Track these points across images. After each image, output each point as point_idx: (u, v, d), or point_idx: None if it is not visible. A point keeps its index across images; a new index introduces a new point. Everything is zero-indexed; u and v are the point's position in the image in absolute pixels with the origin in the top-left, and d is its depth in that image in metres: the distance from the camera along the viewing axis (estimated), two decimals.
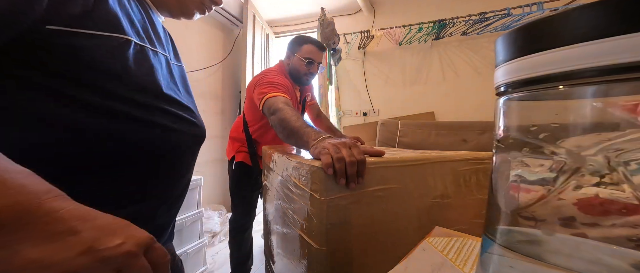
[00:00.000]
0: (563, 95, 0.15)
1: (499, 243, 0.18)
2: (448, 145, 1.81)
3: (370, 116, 2.23)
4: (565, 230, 0.16)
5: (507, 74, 0.17)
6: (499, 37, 0.18)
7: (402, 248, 0.36)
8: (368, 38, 2.02)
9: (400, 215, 0.48)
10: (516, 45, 0.16)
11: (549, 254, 0.17)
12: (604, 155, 0.14)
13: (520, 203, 0.18)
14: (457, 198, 0.53)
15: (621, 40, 0.12)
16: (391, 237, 0.47)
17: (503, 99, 0.18)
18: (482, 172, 0.56)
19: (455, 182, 0.54)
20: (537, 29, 0.15)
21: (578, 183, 0.14)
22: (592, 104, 0.14)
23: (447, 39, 1.96)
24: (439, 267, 0.31)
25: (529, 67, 0.15)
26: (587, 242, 0.15)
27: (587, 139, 0.14)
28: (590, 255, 0.16)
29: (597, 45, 0.12)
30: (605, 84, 0.13)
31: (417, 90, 2.09)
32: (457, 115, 1.98)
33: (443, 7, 1.95)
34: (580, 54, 0.13)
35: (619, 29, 0.12)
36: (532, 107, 0.18)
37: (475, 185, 0.55)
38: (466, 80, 1.95)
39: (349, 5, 2.17)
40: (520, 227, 0.18)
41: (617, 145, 0.13)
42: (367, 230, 0.45)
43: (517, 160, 0.18)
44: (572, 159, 0.15)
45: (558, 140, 0.15)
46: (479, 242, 0.37)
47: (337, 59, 2.09)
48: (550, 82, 0.14)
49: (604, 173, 0.14)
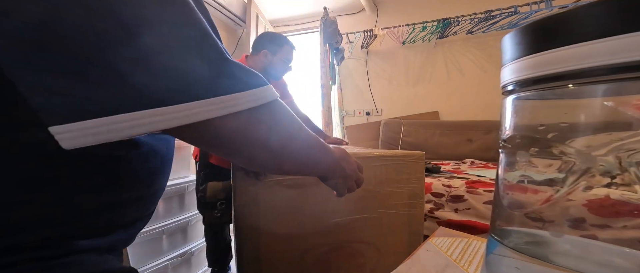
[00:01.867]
0: (572, 94, 0.15)
1: (505, 244, 0.18)
2: (452, 144, 1.80)
3: (373, 116, 2.22)
4: (574, 232, 0.16)
5: (514, 73, 0.16)
6: (506, 35, 0.17)
7: (305, 227, 0.59)
8: (371, 37, 2.02)
9: (302, 200, 0.60)
10: (524, 43, 0.16)
11: (557, 256, 0.17)
12: (615, 155, 0.13)
13: (527, 204, 0.17)
14: (364, 190, 0.60)
15: (633, 37, 0.11)
16: (295, 218, 0.60)
17: (510, 98, 0.18)
18: (393, 167, 0.65)
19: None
20: (545, 26, 0.15)
21: (588, 184, 0.14)
22: (602, 103, 0.14)
23: (452, 38, 1.94)
24: (443, 268, 0.31)
25: (537, 65, 0.15)
26: (597, 243, 0.15)
27: (598, 139, 0.14)
28: (600, 257, 0.15)
29: (608, 42, 0.12)
30: (616, 82, 0.13)
31: (421, 90, 2.08)
32: (462, 114, 1.96)
33: (447, 6, 1.93)
34: (590, 52, 0.12)
35: (631, 26, 0.11)
36: (540, 106, 0.18)
37: (386, 178, 0.65)
38: (471, 79, 1.93)
39: (351, 4, 2.17)
40: (527, 228, 0.18)
41: (629, 145, 0.13)
42: (273, 211, 0.58)
43: (524, 160, 0.18)
44: (582, 159, 0.14)
45: (567, 140, 0.15)
46: (483, 243, 0.36)
47: (340, 59, 2.08)
48: (560, 81, 0.14)
49: (615, 174, 0.13)
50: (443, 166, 1.47)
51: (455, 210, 1.01)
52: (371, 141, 2.13)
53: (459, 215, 1.00)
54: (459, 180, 1.10)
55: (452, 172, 1.31)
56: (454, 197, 1.02)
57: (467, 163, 1.60)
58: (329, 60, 1.84)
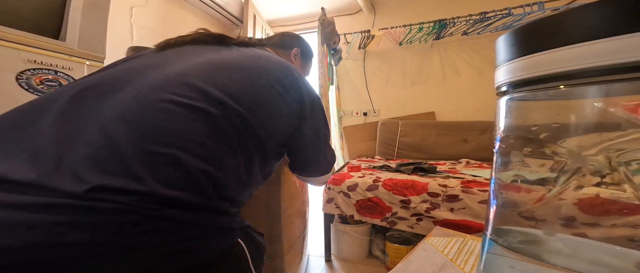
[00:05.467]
0: (564, 95, 0.15)
1: (499, 243, 0.18)
2: (448, 145, 1.81)
3: (371, 116, 2.22)
4: (565, 230, 0.16)
5: (508, 74, 0.17)
6: (500, 37, 0.17)
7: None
8: (368, 38, 2.02)
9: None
10: (517, 45, 0.16)
11: (549, 254, 0.17)
12: (605, 155, 0.14)
13: (521, 203, 0.18)
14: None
15: (622, 39, 0.12)
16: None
17: (504, 99, 0.18)
18: None
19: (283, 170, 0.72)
20: (538, 28, 0.15)
21: (579, 184, 0.14)
22: (593, 103, 0.14)
23: (448, 39, 1.96)
24: (439, 267, 0.31)
25: (530, 66, 0.15)
26: (588, 242, 0.15)
27: (589, 139, 0.14)
28: (591, 255, 0.16)
29: (599, 45, 0.12)
30: (606, 83, 0.13)
31: (418, 90, 2.09)
32: (457, 115, 1.98)
33: (443, 7, 1.95)
34: (581, 54, 0.13)
35: (621, 29, 0.12)
36: (533, 107, 0.18)
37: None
38: (467, 80, 1.95)
39: (349, 5, 2.17)
40: (520, 227, 0.18)
41: (618, 145, 0.13)
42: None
43: (517, 160, 0.18)
44: (573, 159, 0.15)
45: (559, 140, 0.15)
46: (479, 242, 0.37)
47: (337, 59, 2.09)
48: (552, 82, 0.14)
49: (605, 174, 0.14)
50: (439, 166, 1.48)
51: (451, 209, 1.02)
52: (368, 141, 2.13)
53: (455, 214, 1.01)
54: (455, 180, 1.11)
55: (448, 172, 1.32)
56: (449, 197, 1.03)
57: (463, 163, 1.61)
58: (327, 60, 1.84)
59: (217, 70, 0.39)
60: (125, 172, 0.26)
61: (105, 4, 0.98)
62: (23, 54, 0.76)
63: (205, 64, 0.39)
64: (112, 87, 0.34)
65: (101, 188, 0.25)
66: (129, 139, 0.28)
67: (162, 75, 0.36)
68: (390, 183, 1.14)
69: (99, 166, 0.26)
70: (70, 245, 0.22)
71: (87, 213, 0.23)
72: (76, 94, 0.33)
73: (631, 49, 0.11)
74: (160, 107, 0.31)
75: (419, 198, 1.07)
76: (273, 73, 0.44)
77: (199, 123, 0.32)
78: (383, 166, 1.50)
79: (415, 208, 1.08)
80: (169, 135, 0.30)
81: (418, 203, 1.07)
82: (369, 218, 1.17)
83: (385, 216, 1.14)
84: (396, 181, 1.14)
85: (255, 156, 0.39)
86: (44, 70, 0.81)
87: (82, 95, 0.33)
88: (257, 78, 0.42)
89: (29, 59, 0.77)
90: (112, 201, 0.24)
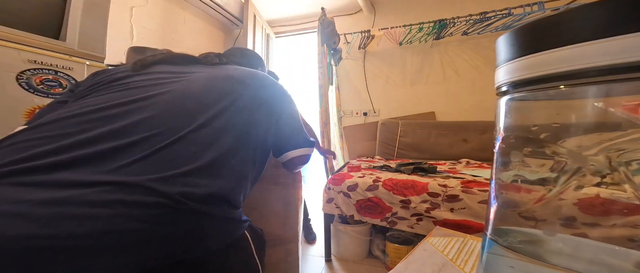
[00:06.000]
0: (564, 95, 0.15)
1: (499, 243, 0.18)
2: (448, 145, 1.81)
3: (371, 116, 2.22)
4: (566, 230, 0.16)
5: (508, 74, 0.17)
6: (500, 37, 0.17)
7: None
8: (368, 38, 2.02)
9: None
10: (517, 45, 0.16)
11: (549, 254, 0.17)
12: (606, 155, 0.14)
13: (521, 203, 0.18)
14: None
15: (622, 40, 0.12)
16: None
17: (504, 99, 0.18)
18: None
19: None
20: (538, 28, 0.15)
21: (579, 184, 0.14)
22: (593, 103, 0.14)
23: (448, 39, 1.96)
24: (439, 267, 0.31)
25: (530, 66, 0.15)
26: (588, 242, 0.15)
27: (589, 139, 0.14)
28: (591, 255, 0.16)
29: (599, 45, 0.12)
30: (606, 83, 0.13)
31: (418, 90, 2.09)
32: (457, 115, 1.98)
33: (444, 7, 1.95)
34: (581, 54, 0.13)
35: (621, 29, 0.12)
36: (533, 107, 0.18)
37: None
38: (467, 80, 1.95)
39: (349, 5, 2.17)
40: (521, 227, 0.18)
41: (618, 145, 0.13)
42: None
43: (517, 160, 0.18)
44: (574, 159, 0.15)
45: (559, 140, 0.15)
46: (479, 242, 0.37)
47: (337, 59, 2.09)
48: (552, 82, 0.14)
49: (606, 174, 0.14)
50: (439, 166, 1.48)
51: (451, 209, 1.02)
52: (369, 141, 2.13)
53: (455, 214, 1.01)
54: (455, 180, 1.11)
55: (448, 172, 1.32)
56: (449, 197, 1.03)
57: (463, 163, 1.61)
58: (327, 60, 1.84)
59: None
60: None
61: (105, 4, 0.98)
62: (23, 54, 0.76)
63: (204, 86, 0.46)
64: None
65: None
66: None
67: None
68: (390, 183, 1.14)
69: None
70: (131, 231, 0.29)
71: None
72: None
73: (631, 49, 0.11)
74: None
75: (419, 198, 1.07)
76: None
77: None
78: (383, 166, 1.50)
79: (415, 208, 1.08)
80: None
81: (418, 203, 1.07)
82: (369, 218, 1.17)
83: (385, 216, 1.14)
84: (396, 181, 1.14)
85: (256, 158, 0.48)
86: (44, 70, 0.81)
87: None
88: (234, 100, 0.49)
89: (29, 59, 0.77)
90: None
